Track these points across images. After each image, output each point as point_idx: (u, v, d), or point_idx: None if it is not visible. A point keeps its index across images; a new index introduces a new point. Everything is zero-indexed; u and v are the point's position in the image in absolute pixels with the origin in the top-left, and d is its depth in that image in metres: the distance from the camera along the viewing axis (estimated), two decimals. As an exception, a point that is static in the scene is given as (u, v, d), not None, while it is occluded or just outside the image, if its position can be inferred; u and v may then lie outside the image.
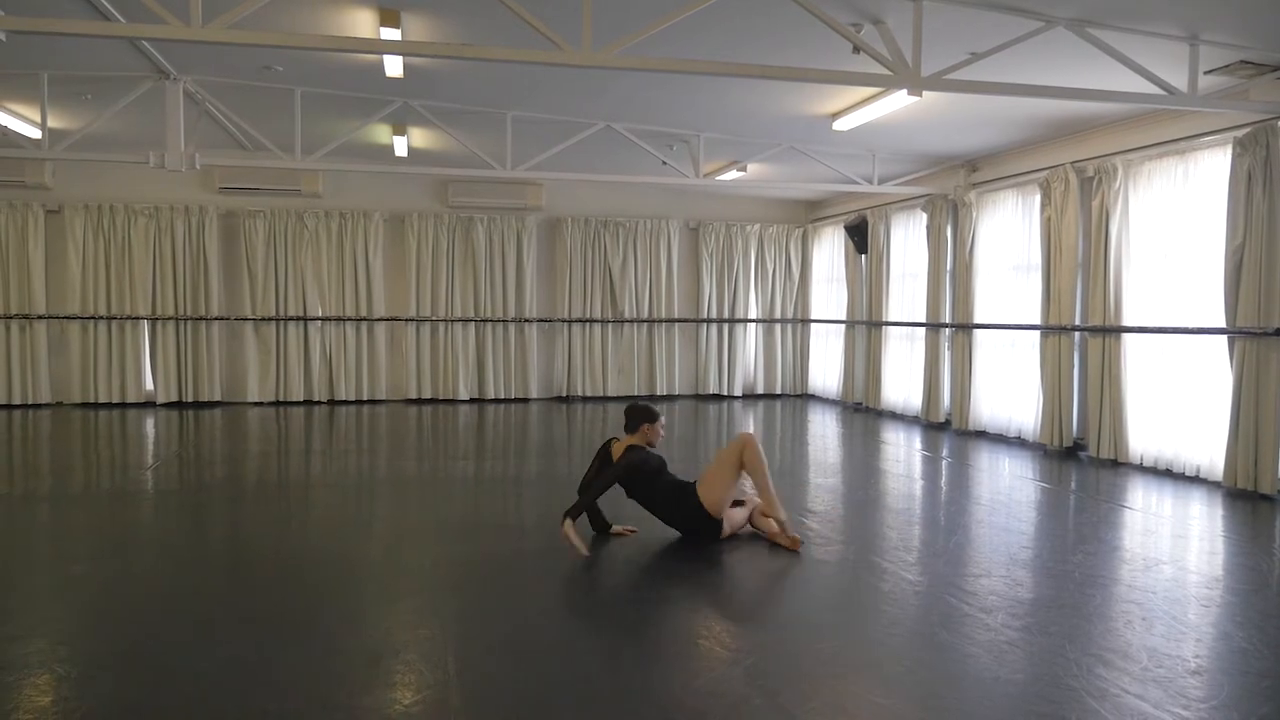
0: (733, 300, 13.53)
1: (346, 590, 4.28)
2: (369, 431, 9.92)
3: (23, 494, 6.75)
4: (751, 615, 4.06)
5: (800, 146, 9.72)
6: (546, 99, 8.45)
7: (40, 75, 7.76)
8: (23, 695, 3.11)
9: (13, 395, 11.42)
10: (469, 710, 2.98)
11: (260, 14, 5.28)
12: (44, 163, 10.95)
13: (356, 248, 12.18)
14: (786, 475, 7.67)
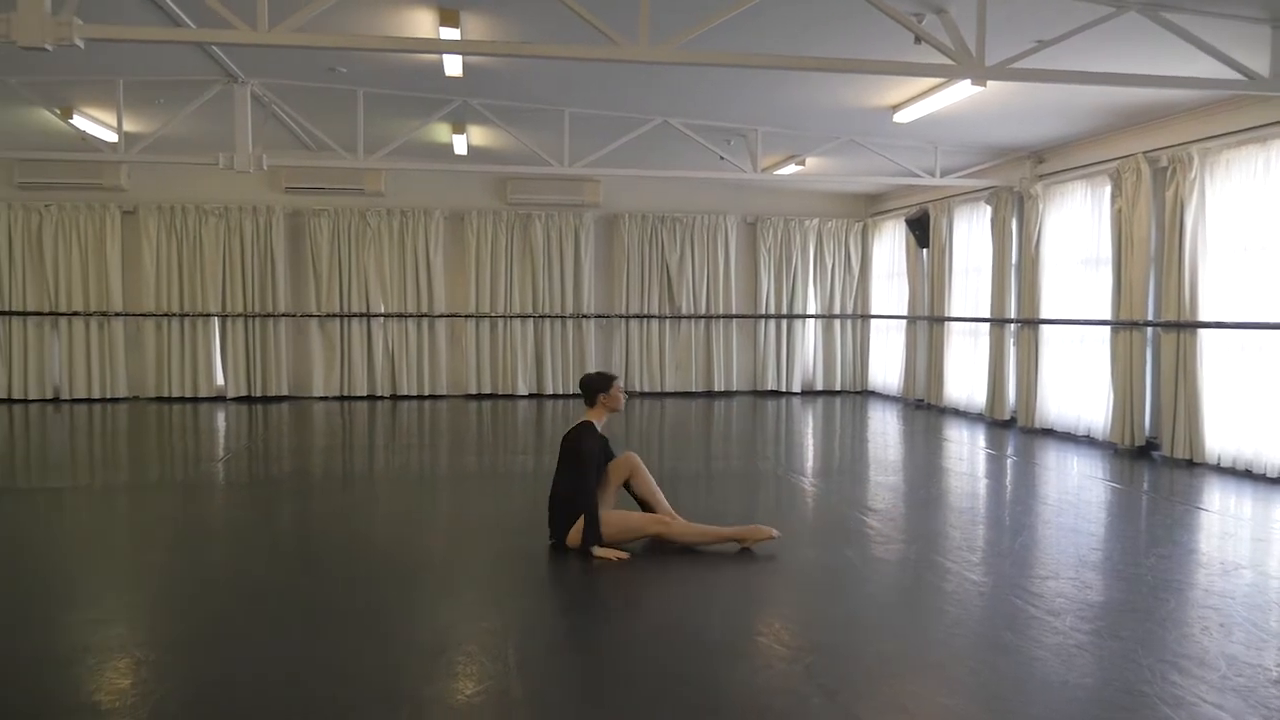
0: (791, 296, 13.42)
1: (409, 582, 4.35)
2: (430, 426, 10.07)
3: (102, 485, 7.00)
4: (810, 613, 4.02)
5: (860, 139, 9.59)
6: (604, 95, 8.46)
7: (116, 81, 8.01)
8: (104, 677, 3.22)
9: (92, 390, 11.84)
10: (530, 702, 3.01)
11: (324, 17, 5.38)
12: (120, 165, 11.32)
13: (417, 245, 12.36)
14: (846, 473, 7.59)
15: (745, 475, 7.33)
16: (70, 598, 4.20)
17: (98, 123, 9.42)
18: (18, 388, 11.71)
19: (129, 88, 8.17)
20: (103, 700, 3.04)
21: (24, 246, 11.64)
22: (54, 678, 3.19)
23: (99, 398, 11.84)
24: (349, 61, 7.58)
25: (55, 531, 5.52)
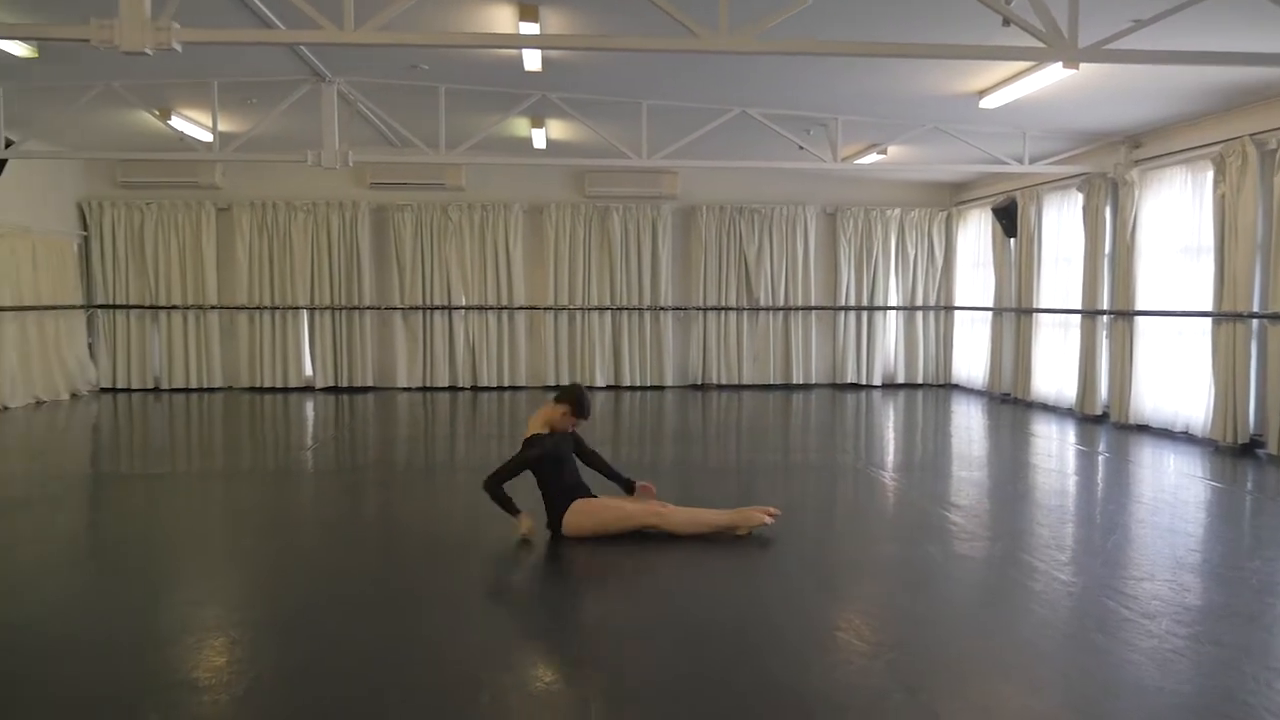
0: (872, 287, 13.18)
1: (489, 569, 4.41)
2: (509, 416, 10.21)
3: (199, 471, 7.29)
4: (891, 609, 3.95)
5: (944, 126, 9.35)
6: (682, 86, 8.43)
7: (211, 83, 8.31)
8: (202, 656, 3.36)
9: (189, 380, 12.34)
10: (607, 693, 3.03)
11: (407, 15, 5.47)
12: (215, 164, 11.74)
13: (497, 238, 12.53)
14: (928, 467, 7.43)
15: (824, 469, 7.24)
16: (170, 580, 4.40)
17: (194, 123, 9.78)
18: (121, 377, 12.28)
19: (223, 89, 8.46)
20: (200, 678, 3.17)
21: (127, 243, 12.19)
22: (155, 656, 3.34)
23: (195, 387, 12.33)
24: (431, 58, 7.70)
25: (155, 516, 5.77)
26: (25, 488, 6.48)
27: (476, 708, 2.91)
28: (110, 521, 5.77)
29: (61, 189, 11.78)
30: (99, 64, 7.52)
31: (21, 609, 3.81)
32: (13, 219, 10.48)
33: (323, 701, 2.94)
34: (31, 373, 10.70)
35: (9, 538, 5.06)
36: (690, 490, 6.47)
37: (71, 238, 11.86)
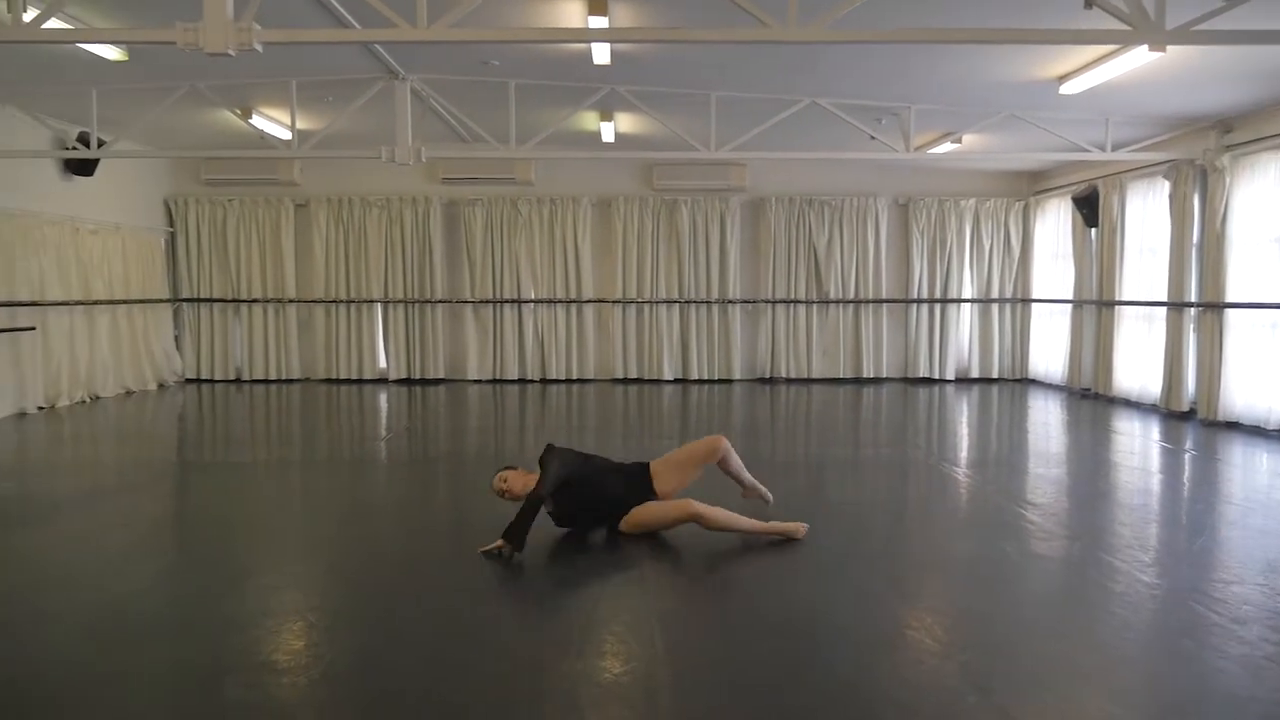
0: (945, 279, 12.91)
1: (557, 560, 4.45)
2: (578, 410, 10.28)
3: (278, 460, 7.52)
4: (964, 608, 3.87)
5: (1022, 114, 9.09)
6: (751, 78, 8.36)
7: (290, 82, 8.53)
8: (281, 639, 3.47)
9: (269, 372, 12.72)
10: (675, 686, 3.03)
11: (479, 12, 5.53)
12: (293, 161, 12.07)
13: (566, 232, 12.62)
14: (1003, 464, 7.26)
15: (894, 464, 7.13)
16: (250, 565, 4.54)
17: (274, 122, 10.06)
18: (205, 369, 12.72)
19: (301, 88, 8.67)
20: (279, 660, 3.26)
21: (210, 238, 12.61)
22: (236, 638, 3.45)
23: (274, 379, 12.70)
24: (502, 54, 7.78)
25: (237, 503, 5.97)
26: (115, 475, 6.76)
27: (545, 696, 2.94)
28: (194, 508, 5.99)
29: (150, 187, 12.24)
30: (184, 66, 7.79)
31: (111, 591, 3.98)
32: (105, 216, 10.94)
33: (394, 687, 3.00)
34: (122, 363, 11.17)
35: (100, 523, 5.29)
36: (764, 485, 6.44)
37: (159, 234, 12.31)
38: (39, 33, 5.22)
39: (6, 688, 3.00)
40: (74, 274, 10.24)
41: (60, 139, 10.01)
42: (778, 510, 5.33)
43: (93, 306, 10.57)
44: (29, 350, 9.47)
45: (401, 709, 2.85)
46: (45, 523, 5.24)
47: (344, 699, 2.94)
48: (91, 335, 10.57)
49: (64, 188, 10.32)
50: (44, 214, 9.81)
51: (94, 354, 10.60)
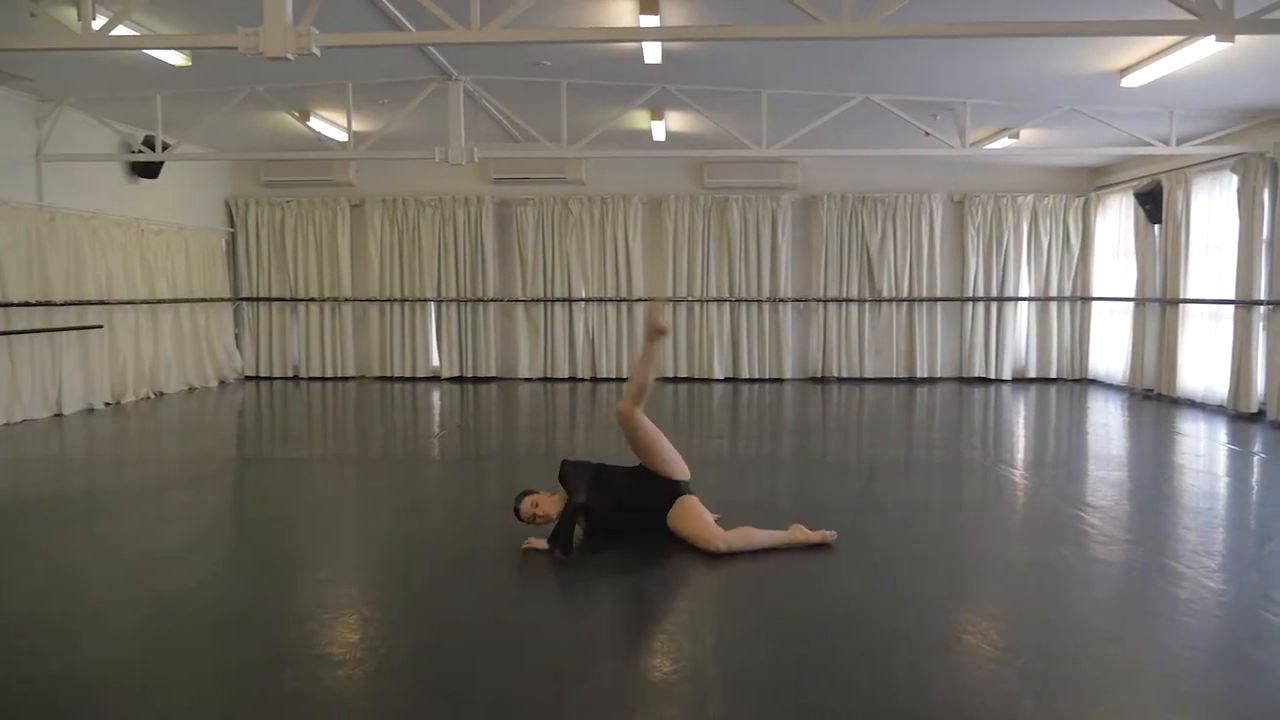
0: (1002, 277, 12.67)
1: (608, 558, 4.46)
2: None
3: (333, 456, 7.65)
4: (1022, 612, 3.79)
5: (1082, 108, 8.89)
6: (803, 74, 8.30)
7: (346, 85, 8.68)
8: (336, 632, 3.53)
9: (325, 369, 12.96)
10: (727, 685, 3.02)
11: (531, 13, 5.57)
12: (349, 162, 12.28)
13: (616, 231, 12.65)
14: (1061, 466, 7.11)
15: (949, 465, 7.02)
16: (306, 558, 4.63)
17: (330, 124, 10.25)
18: (264, 366, 13.00)
19: (357, 90, 8.82)
20: (335, 652, 3.32)
21: (269, 239, 12.89)
22: (293, 630, 3.52)
23: (330, 376, 12.93)
24: (553, 54, 7.82)
25: (294, 498, 6.09)
26: (177, 469, 6.94)
27: (595, 694, 2.95)
28: (252, 502, 6.12)
29: (211, 189, 12.55)
30: (245, 70, 7.98)
31: (172, 582, 4.08)
32: (169, 217, 11.25)
33: (447, 681, 3.03)
34: (185, 361, 11.47)
35: (163, 516, 5.43)
36: (809, 486, 6.39)
37: (220, 234, 12.62)
38: (107, 40, 5.38)
39: (67, 676, 3.10)
40: (139, 273, 10.54)
41: (127, 142, 10.31)
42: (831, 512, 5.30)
43: (157, 305, 10.87)
44: (97, 348, 9.77)
45: (455, 703, 2.89)
46: (112, 515, 5.40)
47: (398, 692, 2.98)
48: (156, 333, 10.87)
49: (130, 190, 10.64)
50: (111, 215, 10.12)
51: (158, 351, 10.90)
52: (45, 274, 9.04)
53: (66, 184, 9.58)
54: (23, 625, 3.58)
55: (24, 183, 9.08)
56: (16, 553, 4.64)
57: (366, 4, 6.21)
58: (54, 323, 9.19)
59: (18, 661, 3.20)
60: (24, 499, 5.83)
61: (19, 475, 6.68)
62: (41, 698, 2.93)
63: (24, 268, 8.80)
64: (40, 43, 5.62)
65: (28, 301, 8.81)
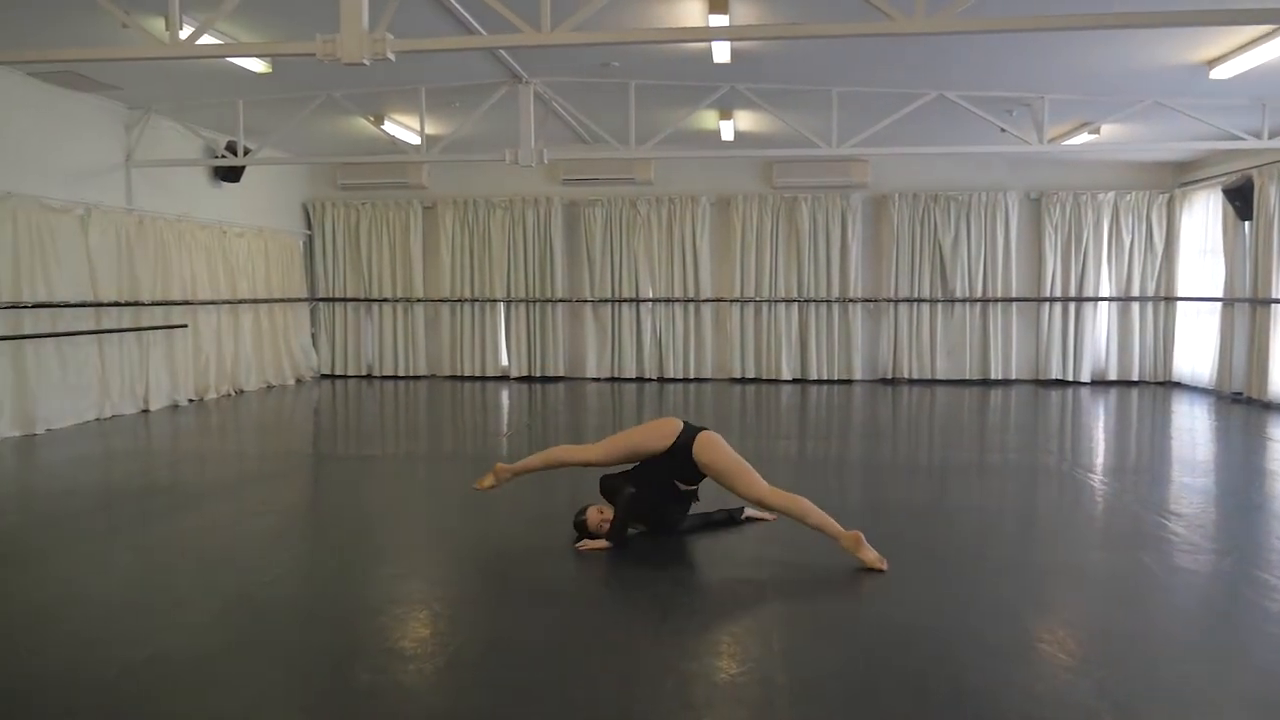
0: (1080, 277, 12.31)
1: (673, 557, 4.45)
2: (695, 409, 10.27)
3: (405, 454, 7.80)
4: (1101, 622, 3.67)
5: (1167, 101, 8.58)
6: (874, 72, 8.18)
7: (419, 89, 8.85)
8: (408, 627, 3.60)
9: (397, 368, 13.23)
10: (793, 688, 2.99)
11: (600, 14, 5.60)
12: (422, 165, 12.51)
13: (684, 231, 12.64)
14: (1144, 471, 6.87)
15: (1024, 469, 6.84)
16: (379, 553, 4.73)
17: (404, 127, 10.46)
18: (339, 365, 13.33)
19: (430, 94, 8.99)
20: (406, 647, 3.39)
21: (345, 240, 13.21)
22: (366, 624, 3.60)
23: (402, 375, 13.19)
24: (623, 56, 7.85)
25: (367, 494, 6.23)
26: (256, 465, 7.16)
27: (661, 695, 2.95)
28: (327, 497, 6.28)
29: (290, 192, 12.91)
30: (322, 76, 8.19)
31: (250, 575, 4.21)
32: (249, 220, 11.61)
33: (515, 677, 3.07)
34: (264, 359, 11.83)
35: (241, 509, 5.61)
36: (879, 489, 6.30)
37: (298, 236, 12.97)
38: (194, 49, 5.57)
39: (155, 663, 3.22)
40: (221, 274, 10.91)
41: (210, 148, 10.68)
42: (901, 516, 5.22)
43: (238, 305, 11.22)
44: (181, 346, 10.14)
45: (523, 699, 2.92)
46: (194, 509, 5.60)
47: (469, 688, 3.03)
48: (236, 332, 11.23)
49: (214, 194, 11.01)
50: (196, 218, 10.48)
51: (238, 350, 11.26)
52: (134, 275, 9.42)
53: (154, 188, 9.96)
54: (115, 612, 3.73)
55: (115, 187, 9.47)
56: (108, 543, 4.84)
57: (439, 9, 6.32)
58: (141, 322, 9.57)
59: (113, 647, 3.34)
60: (113, 491, 6.08)
61: (109, 468, 6.96)
62: (136, 683, 3.05)
63: (114, 269, 9.18)
64: (131, 52, 5.86)
65: (117, 301, 9.18)
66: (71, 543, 4.78)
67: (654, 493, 4.57)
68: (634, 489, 4.47)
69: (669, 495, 4.63)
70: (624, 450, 4.57)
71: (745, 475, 4.44)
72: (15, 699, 2.92)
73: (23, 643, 3.44)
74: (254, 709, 2.87)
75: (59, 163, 8.69)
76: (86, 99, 8.98)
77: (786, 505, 4.37)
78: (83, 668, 3.14)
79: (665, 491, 4.61)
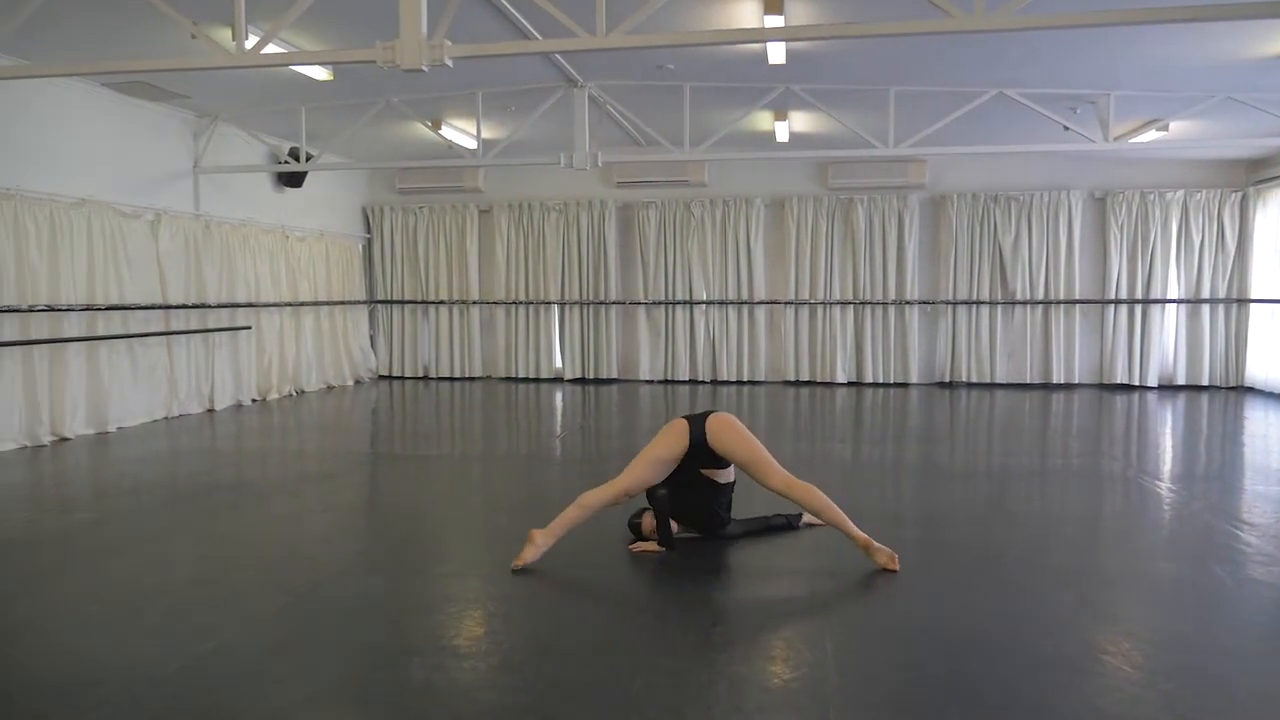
0: (1148, 278, 11.98)
1: (728, 564, 4.44)
2: (748, 411, 10.22)
3: (460, 454, 7.89)
4: (1168, 634, 3.56)
5: (1240, 96, 8.31)
6: (932, 70, 8.06)
7: (476, 94, 8.95)
8: (462, 625, 3.64)
9: (453, 369, 13.40)
10: (846, 695, 2.96)
11: (655, 17, 5.61)
12: (478, 169, 12.66)
13: (738, 233, 12.59)
14: (1215, 479, 6.65)
15: (1087, 475, 6.67)
16: (435, 552, 4.79)
17: (460, 131, 10.59)
18: (396, 366, 13.55)
19: (486, 98, 9.09)
20: (460, 645, 3.43)
21: (402, 244, 13.42)
22: (421, 622, 3.65)
23: (458, 376, 13.35)
24: (677, 58, 7.86)
25: (423, 493, 6.31)
26: (316, 463, 7.30)
27: (713, 699, 2.94)
28: (384, 496, 6.38)
29: (350, 197, 13.16)
30: (382, 82, 8.33)
31: (310, 571, 4.29)
32: (311, 224, 11.86)
33: (566, 679, 3.08)
34: (324, 360, 12.07)
35: (301, 506, 5.73)
36: (937, 494, 6.20)
37: (357, 240, 13.22)
38: (259, 58, 5.71)
39: (219, 655, 3.30)
40: (284, 278, 11.16)
41: (274, 154, 10.94)
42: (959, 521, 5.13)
43: (299, 308, 11.47)
44: (245, 348, 10.40)
45: (573, 699, 2.93)
46: (257, 505, 5.73)
47: (521, 687, 3.05)
48: (298, 334, 11.48)
49: (277, 199, 11.28)
50: (259, 223, 10.75)
51: (300, 351, 11.51)
52: (201, 278, 9.69)
53: (220, 194, 10.24)
54: (181, 605, 3.84)
55: (183, 193, 9.76)
56: (174, 537, 4.98)
57: (496, 14, 6.39)
58: (208, 324, 9.84)
59: (178, 640, 3.43)
60: (180, 488, 6.25)
61: (176, 466, 7.17)
62: (199, 675, 3.13)
63: (182, 272, 9.46)
64: (200, 62, 6.03)
65: (185, 304, 9.45)
66: (140, 538, 4.93)
67: (691, 493, 4.57)
68: (664, 490, 4.48)
69: (706, 491, 4.61)
70: (648, 468, 4.50)
71: (761, 463, 4.43)
72: (84, 689, 3.02)
73: (93, 635, 3.55)
74: (312, 702, 2.92)
75: (131, 170, 8.99)
76: (157, 108, 9.26)
77: (804, 497, 4.37)
78: (148, 659, 3.24)
79: (700, 488, 4.59)
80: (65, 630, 3.60)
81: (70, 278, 8.05)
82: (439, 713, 2.86)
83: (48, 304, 7.82)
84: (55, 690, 3.02)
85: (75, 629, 3.61)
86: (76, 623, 3.68)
